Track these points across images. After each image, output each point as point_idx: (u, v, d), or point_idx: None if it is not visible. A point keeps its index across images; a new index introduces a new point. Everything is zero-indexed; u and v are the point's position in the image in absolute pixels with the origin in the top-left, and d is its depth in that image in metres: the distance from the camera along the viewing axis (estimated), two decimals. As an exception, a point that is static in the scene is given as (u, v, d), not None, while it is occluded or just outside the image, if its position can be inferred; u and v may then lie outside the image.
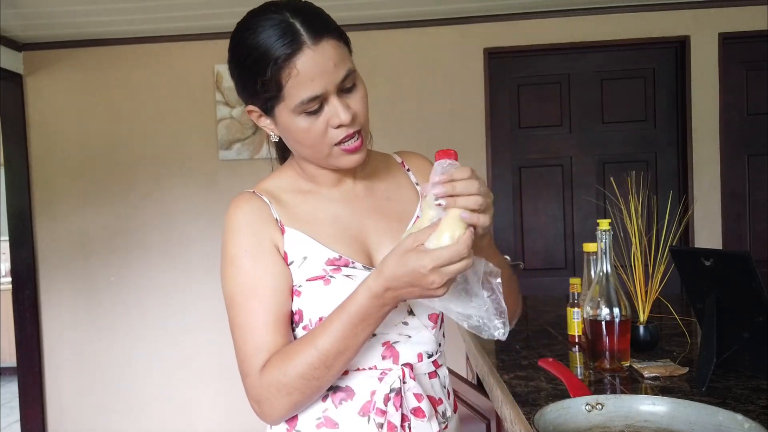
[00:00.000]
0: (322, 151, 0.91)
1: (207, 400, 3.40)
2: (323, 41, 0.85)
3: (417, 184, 1.06)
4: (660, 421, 0.91)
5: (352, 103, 0.89)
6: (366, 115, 0.92)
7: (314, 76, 0.84)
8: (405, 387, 0.93)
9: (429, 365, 0.98)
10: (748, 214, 3.26)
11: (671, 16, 3.16)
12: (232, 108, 3.31)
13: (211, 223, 3.34)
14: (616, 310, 1.31)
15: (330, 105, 0.87)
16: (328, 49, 0.85)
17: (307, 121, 0.88)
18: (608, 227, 1.35)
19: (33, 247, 3.43)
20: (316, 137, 0.89)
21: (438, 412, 0.98)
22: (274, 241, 0.93)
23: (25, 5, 2.85)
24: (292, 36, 0.84)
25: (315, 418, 0.94)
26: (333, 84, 0.86)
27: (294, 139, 0.92)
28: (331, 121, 0.88)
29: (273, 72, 0.85)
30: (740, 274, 1.17)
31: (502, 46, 3.23)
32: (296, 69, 0.84)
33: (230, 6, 2.94)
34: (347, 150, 0.90)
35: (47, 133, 3.43)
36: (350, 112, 0.88)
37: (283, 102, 0.87)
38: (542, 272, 3.32)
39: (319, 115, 0.87)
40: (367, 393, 0.93)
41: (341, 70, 0.86)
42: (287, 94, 0.86)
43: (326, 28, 0.86)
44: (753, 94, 3.20)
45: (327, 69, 0.85)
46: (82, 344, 3.44)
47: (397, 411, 0.91)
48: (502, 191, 3.32)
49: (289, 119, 0.89)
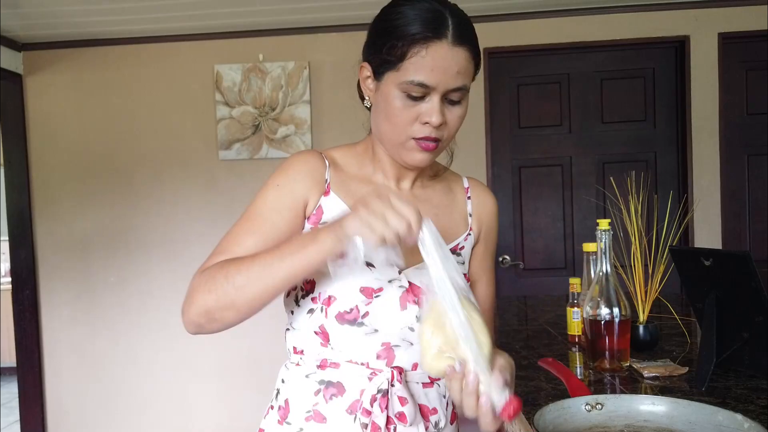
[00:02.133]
0: (400, 136, 0.94)
1: (207, 400, 3.40)
2: (462, 47, 0.89)
3: (470, 215, 1.08)
4: (660, 421, 0.91)
5: (449, 115, 0.93)
6: (453, 133, 0.96)
7: (435, 67, 0.88)
8: (392, 390, 0.93)
9: (423, 376, 0.98)
10: (747, 214, 3.26)
11: (671, 16, 3.16)
12: (232, 108, 3.30)
13: (211, 222, 3.34)
14: (615, 309, 1.31)
15: (431, 102, 0.90)
16: (462, 55, 0.89)
17: (404, 103, 0.91)
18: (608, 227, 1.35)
19: (33, 247, 3.43)
20: (402, 121, 0.92)
21: (431, 421, 0.98)
22: (306, 197, 0.97)
23: (25, 5, 2.85)
24: (440, 26, 0.88)
25: (305, 411, 0.96)
26: (444, 86, 0.89)
27: (384, 112, 0.94)
28: (422, 116, 0.91)
29: (406, 42, 0.89)
30: (740, 274, 1.17)
31: (502, 46, 3.23)
32: (426, 52, 0.88)
33: (230, 6, 2.94)
34: (421, 146, 0.93)
35: (47, 133, 3.43)
36: (442, 118, 0.91)
37: (396, 72, 0.90)
38: (542, 272, 3.32)
39: (418, 104, 0.91)
40: (357, 391, 0.94)
41: (458, 80, 0.90)
42: (404, 68, 0.89)
43: (470, 40, 0.91)
44: (753, 94, 3.20)
45: (449, 70, 0.89)
46: (82, 344, 3.44)
47: (382, 413, 0.91)
48: (502, 191, 3.32)
49: (391, 91, 0.92)
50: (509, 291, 3.22)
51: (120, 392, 3.43)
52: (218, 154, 3.33)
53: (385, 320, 0.93)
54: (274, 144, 3.29)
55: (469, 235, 1.07)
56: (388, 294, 0.93)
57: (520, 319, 2.00)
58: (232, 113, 3.31)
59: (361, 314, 0.93)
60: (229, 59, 3.31)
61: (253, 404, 3.30)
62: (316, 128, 3.29)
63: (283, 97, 3.28)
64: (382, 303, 0.93)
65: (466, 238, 1.06)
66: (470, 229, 1.07)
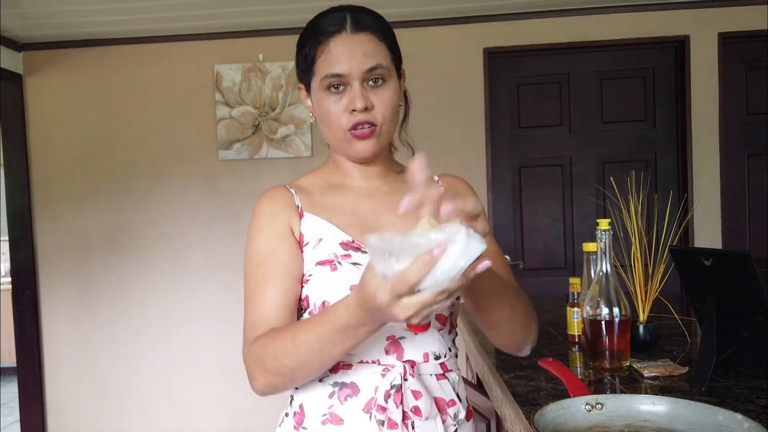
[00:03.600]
0: (337, 133, 0.97)
1: (207, 399, 3.40)
2: (362, 33, 0.95)
3: None
4: (660, 421, 0.91)
5: (374, 98, 0.96)
6: (386, 114, 0.97)
7: (342, 57, 0.94)
8: (405, 384, 0.93)
9: (436, 367, 0.98)
10: (747, 213, 3.26)
11: (671, 15, 3.16)
12: (232, 108, 3.31)
13: (211, 222, 3.34)
14: (615, 309, 1.31)
15: (351, 90, 0.95)
16: (363, 40, 0.95)
17: (330, 100, 0.96)
18: (608, 227, 1.35)
19: (33, 247, 3.43)
20: (334, 117, 0.96)
21: (449, 414, 0.98)
22: (289, 224, 0.99)
23: (25, 5, 2.85)
24: (338, 23, 0.96)
25: (321, 415, 0.96)
26: (357, 70, 0.94)
27: (320, 117, 1.00)
28: (348, 105, 0.95)
29: (312, 46, 0.97)
30: (740, 274, 1.17)
31: (502, 46, 3.23)
32: (329, 47, 0.95)
33: (230, 6, 2.95)
34: (355, 135, 0.96)
35: (47, 133, 3.43)
36: (365, 102, 0.94)
37: (315, 76, 0.97)
38: (542, 272, 3.32)
39: (342, 96, 0.95)
40: (371, 389, 0.94)
41: (369, 61, 0.94)
42: (317, 68, 0.96)
43: (369, 25, 0.96)
44: (753, 94, 3.20)
45: (355, 55, 0.94)
46: (81, 344, 3.44)
47: (397, 408, 0.91)
48: (502, 191, 3.32)
49: (318, 94, 0.98)
50: (509, 291, 3.21)
51: (120, 392, 3.43)
52: (218, 154, 3.33)
53: None
54: (274, 144, 3.29)
55: None
56: None
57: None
58: (232, 113, 3.31)
59: None
60: (229, 59, 3.31)
61: (253, 404, 3.30)
62: (316, 128, 3.25)
63: (283, 97, 3.28)
64: None
65: None
66: None
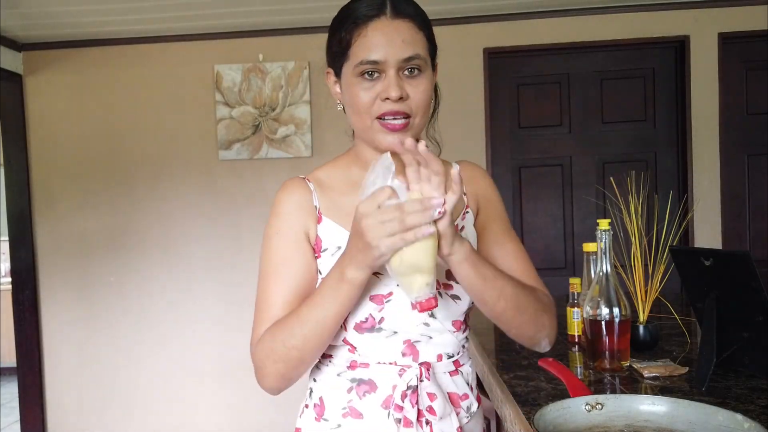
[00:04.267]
0: (366, 120, 0.95)
1: (208, 399, 3.40)
2: (401, 19, 0.92)
3: (464, 194, 1.08)
4: (660, 421, 0.91)
5: (409, 88, 0.93)
6: (421, 105, 0.94)
7: (379, 43, 0.91)
8: (421, 385, 0.95)
9: (449, 365, 1.01)
10: (747, 214, 3.26)
11: (671, 16, 3.16)
12: (232, 108, 3.31)
13: (211, 222, 3.34)
14: (615, 309, 1.31)
15: (387, 78, 0.92)
16: (403, 26, 0.92)
17: (363, 86, 0.93)
18: (608, 227, 1.35)
19: (33, 247, 3.43)
20: (365, 104, 0.93)
21: (462, 407, 1.01)
22: (305, 229, 0.99)
23: (25, 5, 2.85)
24: (377, 6, 0.92)
25: (341, 408, 0.98)
26: (395, 58, 0.91)
27: (350, 103, 0.96)
28: (381, 93, 0.92)
29: (348, 29, 0.93)
30: (740, 274, 1.17)
31: (502, 46, 3.23)
32: (367, 31, 0.91)
33: (230, 6, 2.94)
34: (386, 126, 0.93)
35: (47, 133, 3.43)
36: (400, 91, 0.91)
37: (348, 61, 0.94)
38: (542, 272, 3.26)
39: (375, 83, 0.92)
40: (389, 387, 0.96)
41: (407, 50, 0.91)
42: (352, 53, 0.93)
43: (410, 12, 0.93)
44: (753, 94, 3.20)
45: (394, 42, 0.91)
46: (82, 344, 3.44)
47: (413, 408, 0.93)
48: (501, 191, 3.28)
49: (349, 80, 0.94)
50: (509, 291, 3.21)
51: (120, 392, 3.43)
52: (218, 154, 3.33)
53: (401, 321, 0.96)
54: (274, 144, 3.29)
55: (467, 213, 1.08)
56: (398, 296, 0.95)
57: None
58: (232, 113, 3.31)
59: (377, 320, 0.95)
60: (229, 59, 3.31)
61: (253, 404, 3.30)
62: (316, 128, 3.29)
63: (283, 97, 3.28)
64: (395, 306, 0.95)
65: (463, 217, 1.06)
66: (466, 206, 1.07)
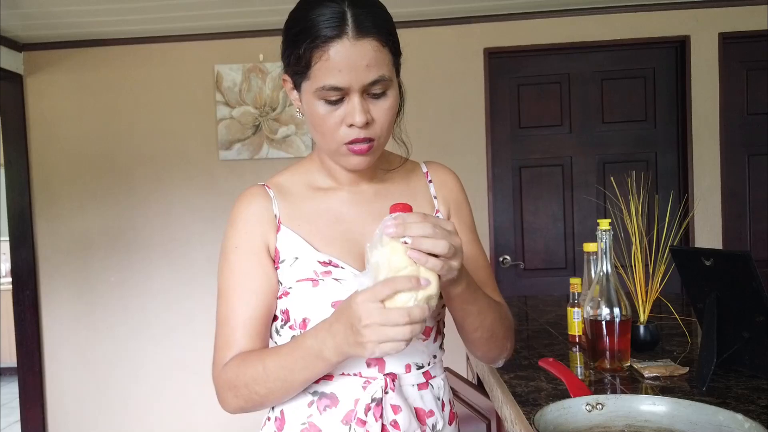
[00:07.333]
0: (331, 144, 0.91)
1: (208, 400, 3.39)
2: (365, 39, 0.84)
3: (435, 198, 1.05)
4: (660, 421, 0.91)
5: (375, 110, 0.88)
6: (385, 126, 0.90)
7: (342, 68, 0.84)
8: (386, 398, 0.91)
9: (418, 376, 0.96)
10: (748, 214, 3.26)
11: (671, 16, 3.16)
12: (232, 108, 3.31)
13: (211, 223, 3.34)
14: (616, 310, 1.31)
15: (350, 103, 0.86)
16: (367, 48, 0.84)
17: (325, 109, 0.87)
18: (608, 227, 1.35)
19: (33, 247, 3.43)
20: (328, 128, 0.89)
21: (428, 425, 0.96)
22: (266, 241, 0.96)
23: (25, 5, 2.85)
24: (338, 23, 0.83)
25: (300, 423, 0.95)
26: (359, 83, 0.85)
27: (311, 122, 0.92)
28: (346, 118, 0.87)
29: (307, 49, 0.85)
30: (740, 274, 1.17)
31: (502, 46, 3.23)
32: (328, 54, 0.84)
33: (230, 6, 2.94)
34: (353, 151, 0.89)
35: (47, 133, 3.43)
36: (365, 117, 0.86)
37: (308, 81, 0.87)
38: (542, 272, 3.32)
39: (338, 107, 0.87)
40: (351, 401, 0.92)
41: (372, 73, 0.85)
42: (313, 75, 0.86)
43: (374, 29, 0.85)
44: (753, 94, 3.20)
45: (357, 66, 0.84)
46: (82, 344, 3.44)
47: (376, 422, 0.90)
48: (502, 191, 3.32)
49: (310, 100, 0.89)
50: (510, 291, 3.21)
51: (120, 392, 3.43)
52: (218, 154, 3.33)
53: None
54: (274, 144, 3.29)
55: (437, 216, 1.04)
56: None
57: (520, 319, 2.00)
58: (233, 113, 3.31)
59: None
60: (230, 59, 3.31)
61: (253, 404, 3.30)
62: (316, 128, 3.28)
63: (284, 97, 3.28)
64: None
65: None
66: (437, 211, 1.04)
